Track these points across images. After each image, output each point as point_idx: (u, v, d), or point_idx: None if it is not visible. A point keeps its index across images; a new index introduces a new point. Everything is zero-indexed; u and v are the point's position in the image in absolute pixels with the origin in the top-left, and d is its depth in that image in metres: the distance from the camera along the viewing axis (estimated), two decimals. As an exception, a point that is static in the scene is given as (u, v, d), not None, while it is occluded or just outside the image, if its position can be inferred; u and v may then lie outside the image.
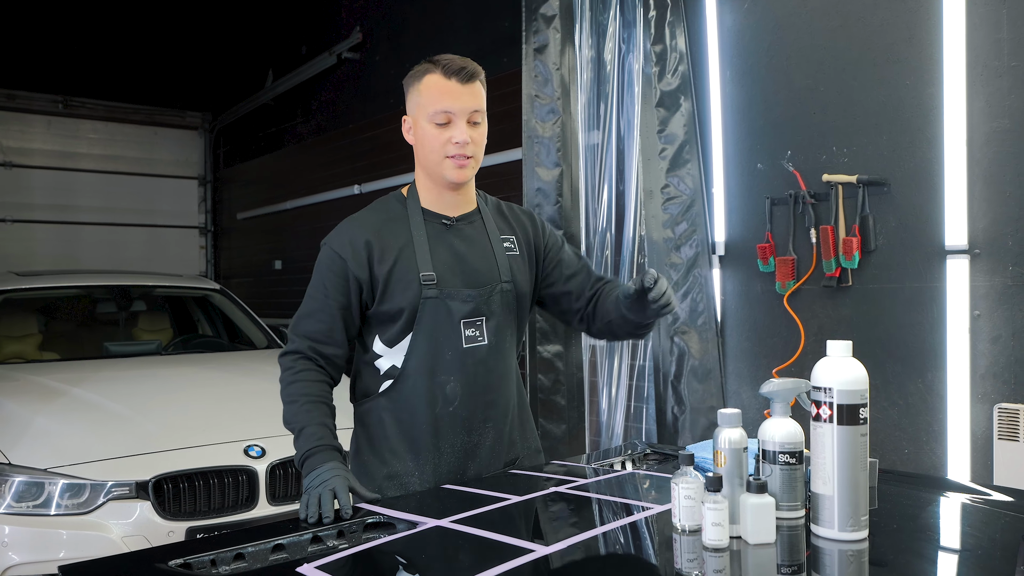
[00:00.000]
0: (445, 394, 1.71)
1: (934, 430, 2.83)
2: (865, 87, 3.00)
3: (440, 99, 1.67)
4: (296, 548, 1.35)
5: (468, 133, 1.68)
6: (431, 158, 1.72)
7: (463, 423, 1.73)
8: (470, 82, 1.69)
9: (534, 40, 3.79)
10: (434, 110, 1.68)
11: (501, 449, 1.79)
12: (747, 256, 3.41)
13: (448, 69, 1.68)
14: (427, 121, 1.69)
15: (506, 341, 1.78)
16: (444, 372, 1.70)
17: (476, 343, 1.72)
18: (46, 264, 8.03)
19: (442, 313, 1.69)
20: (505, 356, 1.78)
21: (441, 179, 1.73)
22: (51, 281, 4.72)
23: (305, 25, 7.59)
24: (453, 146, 1.68)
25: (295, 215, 7.65)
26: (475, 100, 1.70)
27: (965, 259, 2.75)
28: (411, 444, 1.73)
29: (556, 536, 1.32)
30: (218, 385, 3.76)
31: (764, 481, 1.25)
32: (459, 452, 1.74)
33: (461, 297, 1.71)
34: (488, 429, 1.76)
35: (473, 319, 1.72)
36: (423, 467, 1.73)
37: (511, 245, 1.81)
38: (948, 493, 1.69)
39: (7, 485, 2.69)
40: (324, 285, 1.71)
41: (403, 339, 1.71)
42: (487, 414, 1.75)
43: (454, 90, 1.68)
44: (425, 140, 1.71)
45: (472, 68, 1.70)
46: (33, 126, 8.66)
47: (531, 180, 3.79)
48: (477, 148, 1.72)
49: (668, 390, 3.55)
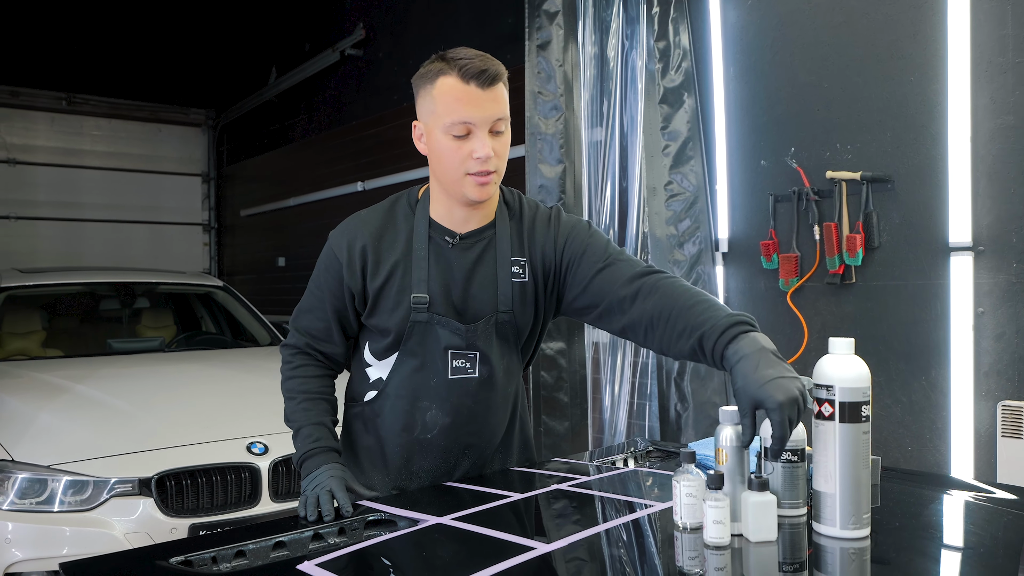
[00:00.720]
0: (424, 421, 1.60)
1: (937, 427, 2.83)
2: (869, 83, 2.99)
3: (458, 108, 1.44)
4: (297, 545, 1.35)
5: (491, 145, 1.46)
6: (448, 175, 1.50)
7: (440, 451, 1.63)
8: (492, 86, 1.46)
9: (537, 36, 3.78)
10: (451, 120, 1.45)
11: (477, 470, 1.70)
12: (750, 253, 3.40)
13: (467, 72, 1.43)
14: (443, 132, 1.47)
15: (500, 372, 1.61)
16: (427, 398, 1.59)
17: (465, 374, 1.58)
18: (50, 261, 8.06)
19: (431, 339, 1.56)
20: (498, 387, 1.63)
21: (461, 197, 1.52)
22: (55, 278, 4.72)
23: (308, 22, 7.59)
24: (474, 162, 1.46)
25: (298, 212, 7.65)
26: (498, 107, 1.47)
27: (969, 256, 2.74)
28: (383, 460, 1.67)
29: (558, 533, 1.31)
30: (221, 382, 3.76)
31: (766, 479, 1.24)
32: (431, 475, 1.66)
33: (451, 328, 1.55)
34: (466, 456, 1.66)
35: (463, 351, 1.57)
36: (394, 480, 1.67)
37: (519, 270, 1.59)
38: (951, 491, 1.68)
39: (10, 482, 2.70)
40: (321, 285, 1.63)
41: (390, 356, 1.61)
42: (468, 443, 1.64)
43: (474, 97, 1.44)
44: (441, 155, 1.49)
45: (494, 69, 1.46)
46: (37, 123, 8.68)
47: (534, 177, 3.79)
48: (500, 161, 1.50)
49: (671, 387, 3.55)
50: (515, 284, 1.59)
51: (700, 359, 1.39)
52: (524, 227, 1.62)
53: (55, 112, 8.75)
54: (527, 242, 1.61)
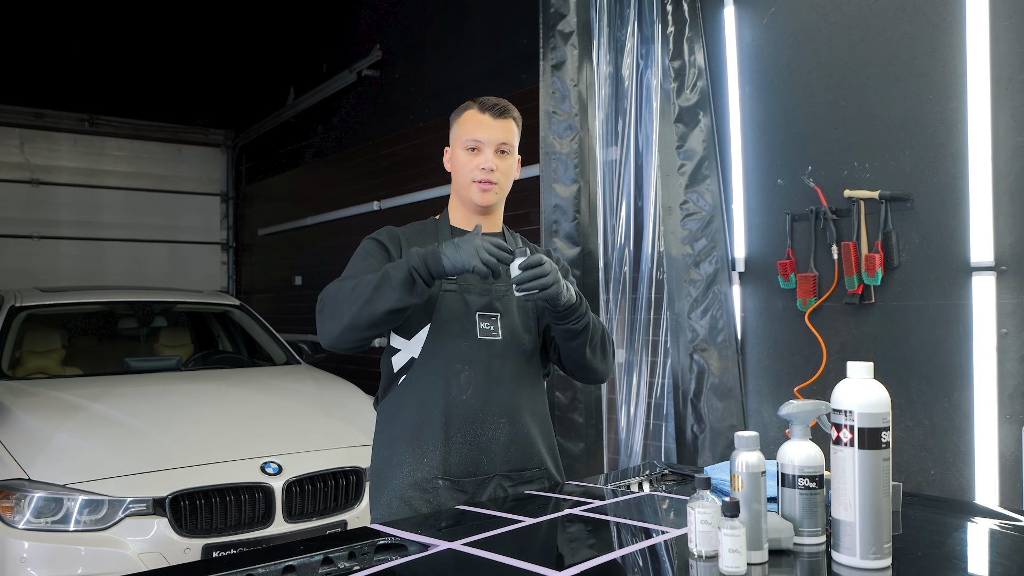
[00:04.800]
0: (459, 381, 1.79)
1: (960, 451, 2.77)
2: (887, 101, 2.97)
3: (473, 129, 1.86)
4: (307, 570, 1.34)
5: (494, 161, 1.85)
6: (461, 181, 1.89)
7: (475, 413, 1.79)
8: (502, 118, 1.87)
9: (552, 56, 3.79)
10: (467, 138, 1.87)
11: (517, 448, 1.83)
12: (767, 273, 3.37)
13: (484, 105, 1.88)
14: (461, 148, 1.88)
15: (523, 341, 1.86)
16: (459, 360, 1.80)
17: (490, 336, 1.82)
18: (71, 280, 8.14)
19: (459, 305, 1.82)
20: (522, 356, 1.86)
21: (469, 201, 1.89)
22: (73, 297, 4.77)
23: (326, 43, 7.66)
24: (479, 171, 1.85)
25: (316, 231, 7.69)
26: (504, 134, 1.87)
27: (991, 276, 2.69)
28: (419, 432, 1.79)
29: (571, 560, 1.29)
30: (236, 401, 3.77)
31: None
32: (471, 444, 1.79)
33: (477, 291, 1.84)
34: (502, 425, 1.82)
35: (488, 313, 1.83)
36: (431, 456, 1.77)
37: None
38: (975, 518, 1.64)
39: (26, 501, 2.70)
40: (365, 255, 1.85)
41: (421, 330, 1.81)
42: (502, 409, 1.82)
43: (486, 123, 1.86)
44: (457, 165, 1.90)
45: (505, 105, 1.89)
46: (60, 144, 8.80)
47: (548, 196, 3.78)
48: (502, 176, 1.88)
49: (688, 408, 3.51)
50: None
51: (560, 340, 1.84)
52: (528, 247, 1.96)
53: (77, 133, 8.86)
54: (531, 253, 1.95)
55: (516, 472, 1.83)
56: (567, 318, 1.76)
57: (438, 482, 1.77)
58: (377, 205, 6.46)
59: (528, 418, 1.86)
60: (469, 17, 5.59)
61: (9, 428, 3.15)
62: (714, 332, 3.45)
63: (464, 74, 5.55)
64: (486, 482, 1.80)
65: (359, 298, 1.67)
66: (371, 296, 1.65)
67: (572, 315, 1.76)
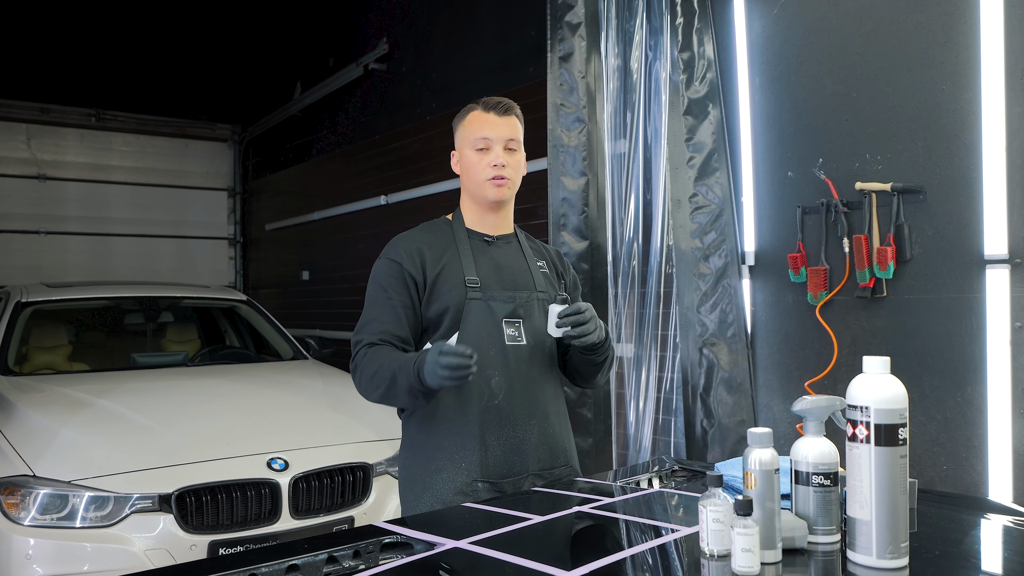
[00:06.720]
0: (491, 387, 1.84)
1: (974, 446, 2.74)
2: (899, 92, 2.93)
3: (480, 128, 1.92)
4: (311, 569, 1.32)
5: (504, 158, 1.90)
6: (474, 180, 1.93)
7: (507, 416, 1.85)
8: (506, 115, 1.93)
9: (559, 48, 3.75)
10: (475, 138, 1.91)
11: (546, 448, 1.89)
12: (778, 266, 3.33)
13: (487, 104, 1.94)
14: (470, 149, 1.92)
15: (544, 344, 1.93)
16: (489, 367, 1.84)
17: (516, 342, 1.88)
18: (78, 275, 8.15)
19: (485, 312, 1.87)
20: (545, 360, 1.93)
21: (483, 200, 1.94)
22: (80, 292, 4.76)
23: (332, 37, 7.64)
24: (491, 168, 1.89)
25: (323, 226, 7.68)
26: (510, 130, 1.92)
27: (1005, 269, 2.65)
28: (456, 438, 1.83)
29: (580, 559, 1.27)
30: (242, 397, 3.75)
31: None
32: (505, 446, 1.84)
33: (502, 299, 1.89)
34: (532, 426, 1.88)
35: (512, 320, 1.89)
36: (470, 460, 1.82)
37: (543, 265, 2.02)
38: (991, 515, 1.61)
39: (32, 497, 2.69)
40: (384, 288, 1.87)
41: (450, 339, 1.85)
42: (530, 411, 1.88)
43: (492, 121, 1.92)
44: (468, 166, 1.94)
45: (508, 103, 1.95)
46: (67, 139, 8.80)
47: (556, 189, 3.75)
48: (513, 172, 1.93)
49: (697, 403, 3.48)
50: (542, 272, 2.00)
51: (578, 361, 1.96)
52: (535, 242, 2.10)
53: (84, 128, 8.86)
54: (543, 251, 2.08)
55: (547, 470, 1.90)
56: (592, 352, 1.90)
57: (478, 484, 1.82)
58: (384, 199, 6.44)
59: (553, 418, 1.93)
60: (476, 10, 5.55)
61: (15, 424, 3.14)
62: (724, 326, 3.42)
63: (471, 67, 5.52)
64: (520, 482, 1.85)
65: (378, 388, 1.78)
66: (386, 392, 1.78)
67: (597, 350, 1.89)
